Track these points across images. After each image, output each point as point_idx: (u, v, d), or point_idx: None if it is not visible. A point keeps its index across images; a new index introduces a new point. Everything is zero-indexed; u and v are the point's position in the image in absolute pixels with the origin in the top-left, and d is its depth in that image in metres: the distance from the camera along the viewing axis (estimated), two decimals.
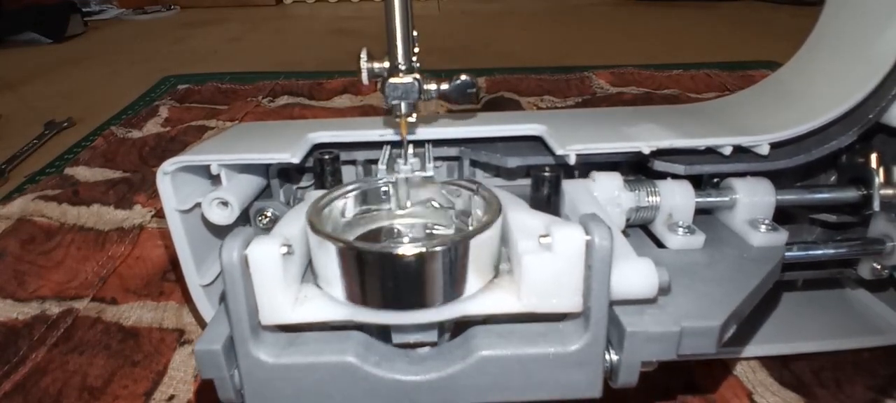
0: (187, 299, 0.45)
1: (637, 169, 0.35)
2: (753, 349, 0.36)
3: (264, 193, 0.35)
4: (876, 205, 0.32)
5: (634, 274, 0.23)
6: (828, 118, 0.31)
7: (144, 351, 0.40)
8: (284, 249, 0.22)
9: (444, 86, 0.29)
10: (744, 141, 0.31)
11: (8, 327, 0.42)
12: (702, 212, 0.32)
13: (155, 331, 0.42)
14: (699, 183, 0.32)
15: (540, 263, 0.21)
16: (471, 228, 0.28)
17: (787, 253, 0.30)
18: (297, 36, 1.61)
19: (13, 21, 1.50)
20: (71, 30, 1.56)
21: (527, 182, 0.33)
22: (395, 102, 0.29)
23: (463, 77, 0.29)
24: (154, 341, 0.41)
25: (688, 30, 1.54)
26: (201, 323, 0.41)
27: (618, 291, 0.22)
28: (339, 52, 1.36)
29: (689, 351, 0.23)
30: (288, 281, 0.22)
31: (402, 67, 0.28)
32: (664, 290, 0.23)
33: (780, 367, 0.35)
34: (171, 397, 0.36)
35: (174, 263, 0.50)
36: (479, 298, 0.22)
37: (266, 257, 0.21)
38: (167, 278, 0.49)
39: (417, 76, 0.28)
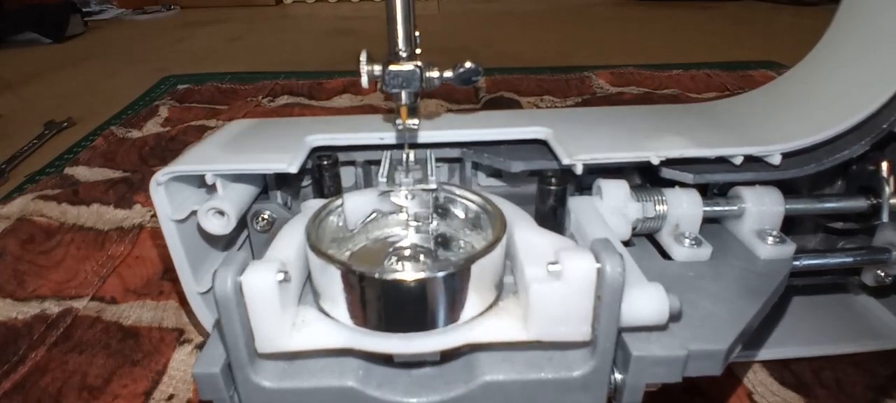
0: (185, 304, 0.45)
1: (643, 173, 0.34)
2: (757, 353, 0.36)
3: (261, 195, 0.35)
4: (885, 216, 0.31)
5: (645, 302, 0.22)
6: (841, 128, 0.30)
7: (144, 351, 0.40)
8: (281, 276, 0.21)
9: (448, 74, 0.28)
10: (756, 151, 0.30)
11: (8, 326, 0.42)
12: (709, 221, 0.31)
13: (154, 331, 0.42)
14: (706, 189, 0.32)
15: (548, 292, 0.21)
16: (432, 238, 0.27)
17: (794, 262, 0.30)
18: (297, 36, 1.61)
19: (13, 21, 1.50)
20: (71, 30, 1.56)
21: (530, 184, 0.33)
22: (395, 91, 0.27)
23: (468, 64, 0.28)
24: (154, 340, 0.41)
25: (688, 30, 1.54)
26: (200, 330, 0.41)
27: (628, 319, 0.22)
28: (339, 52, 1.36)
29: (694, 374, 0.23)
30: (284, 307, 0.21)
31: (404, 54, 0.27)
32: (675, 317, 0.23)
33: (780, 367, 0.35)
34: (171, 396, 0.35)
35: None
36: (484, 325, 0.22)
37: (262, 286, 0.21)
38: (167, 278, 0.49)
39: (419, 63, 0.27)
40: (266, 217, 0.33)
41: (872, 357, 0.36)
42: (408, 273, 0.20)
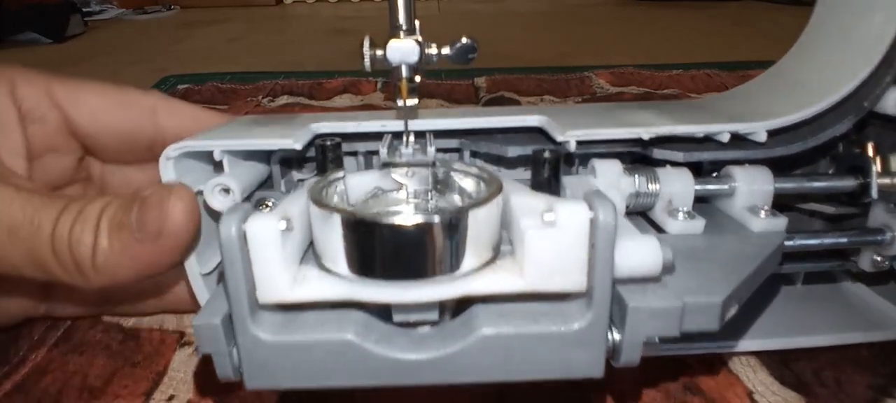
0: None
1: (636, 162, 0.35)
2: (754, 343, 0.36)
3: (266, 184, 0.35)
4: (874, 193, 0.32)
5: (639, 252, 0.22)
6: (823, 106, 0.31)
7: (145, 352, 0.40)
8: (283, 224, 0.21)
9: (446, 51, 0.29)
10: (741, 128, 0.31)
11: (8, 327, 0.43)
12: (701, 201, 0.32)
13: (155, 332, 0.42)
14: (699, 173, 0.33)
15: (543, 240, 0.21)
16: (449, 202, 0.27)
17: (787, 242, 0.30)
18: (297, 36, 1.61)
19: (13, 21, 1.51)
20: (71, 30, 1.56)
21: (527, 172, 0.33)
22: (395, 66, 0.28)
23: (465, 39, 0.29)
24: (154, 342, 0.41)
25: (688, 30, 1.54)
26: None
27: (622, 269, 0.22)
28: (339, 52, 1.36)
29: (691, 328, 0.23)
30: (287, 258, 0.22)
31: (404, 29, 0.28)
32: (668, 268, 0.23)
33: (780, 367, 0.35)
34: (171, 397, 0.36)
35: None
36: (481, 277, 0.22)
37: (265, 232, 0.21)
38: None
39: (419, 38, 0.28)
40: (270, 204, 0.34)
41: (873, 355, 0.36)
42: (406, 217, 0.21)
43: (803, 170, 0.38)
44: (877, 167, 0.32)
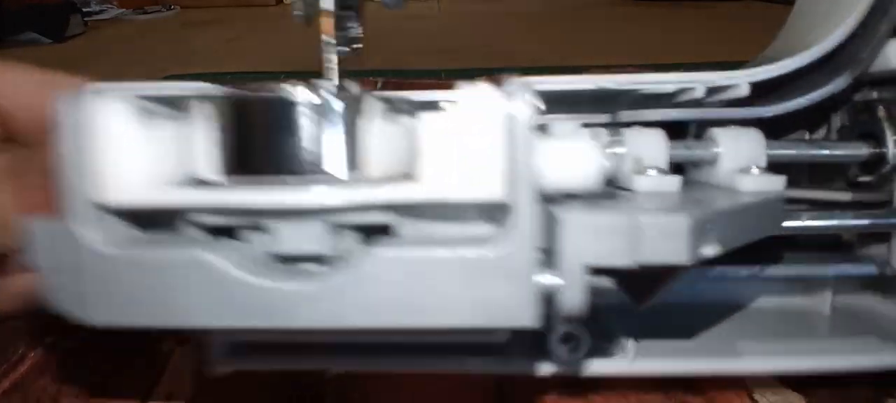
0: None
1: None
2: (773, 363, 0.33)
3: None
4: (891, 158, 0.29)
5: (569, 153, 0.19)
6: (812, 56, 0.28)
7: (144, 350, 0.40)
8: (142, 107, 0.18)
9: None
10: (719, 78, 0.26)
11: (7, 325, 0.42)
12: (680, 172, 0.28)
13: (154, 330, 0.42)
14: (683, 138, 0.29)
15: (443, 132, 0.17)
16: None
17: (795, 223, 0.27)
18: (297, 36, 1.61)
19: (13, 21, 1.51)
20: (71, 30, 1.56)
21: None
22: None
23: None
24: (153, 340, 0.41)
25: (688, 30, 1.54)
26: None
27: (550, 177, 0.18)
28: None
29: (652, 257, 0.18)
30: (143, 149, 0.18)
31: None
32: (612, 190, 0.20)
33: None
34: (170, 395, 0.36)
35: None
36: (375, 185, 0.18)
37: (114, 111, 0.17)
38: None
39: None
40: None
41: None
42: (283, 90, 0.17)
43: (808, 139, 0.34)
44: (892, 135, 0.29)
